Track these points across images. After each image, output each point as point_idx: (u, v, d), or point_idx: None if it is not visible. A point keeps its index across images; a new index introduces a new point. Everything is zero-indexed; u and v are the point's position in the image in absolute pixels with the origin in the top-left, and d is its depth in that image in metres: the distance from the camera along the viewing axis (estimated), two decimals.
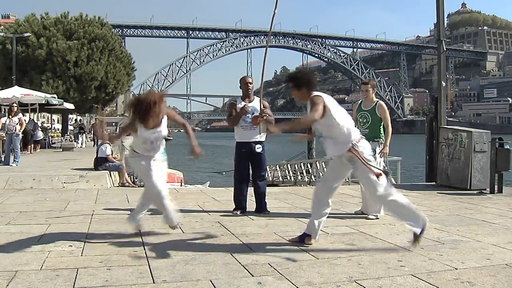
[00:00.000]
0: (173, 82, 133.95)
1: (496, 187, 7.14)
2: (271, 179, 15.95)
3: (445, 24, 11.39)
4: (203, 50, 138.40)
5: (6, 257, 3.31)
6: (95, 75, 25.65)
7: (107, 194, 7.05)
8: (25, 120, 12.77)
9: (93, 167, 9.54)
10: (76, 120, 37.04)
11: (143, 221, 4.28)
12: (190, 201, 6.20)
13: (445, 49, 9.11)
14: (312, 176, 13.86)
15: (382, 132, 5.33)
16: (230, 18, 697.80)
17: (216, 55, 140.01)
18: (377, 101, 5.40)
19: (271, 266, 3.13)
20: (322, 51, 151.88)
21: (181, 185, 11.89)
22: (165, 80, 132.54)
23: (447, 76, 68.63)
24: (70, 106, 21.31)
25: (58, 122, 44.09)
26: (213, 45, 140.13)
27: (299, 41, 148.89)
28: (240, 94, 5.37)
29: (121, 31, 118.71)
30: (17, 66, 23.31)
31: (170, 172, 4.64)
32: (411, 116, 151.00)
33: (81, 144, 22.95)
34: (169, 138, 4.12)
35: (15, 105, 12.46)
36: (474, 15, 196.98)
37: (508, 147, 7.13)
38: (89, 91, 26.04)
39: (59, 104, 18.92)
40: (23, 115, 13.23)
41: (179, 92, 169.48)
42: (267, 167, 15.76)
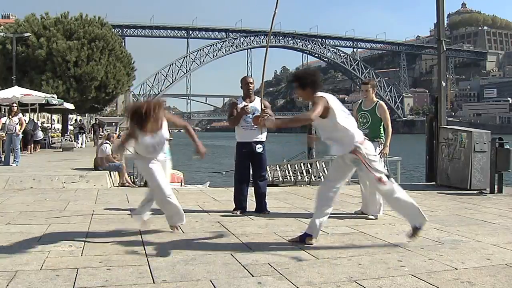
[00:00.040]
0: (173, 82, 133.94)
1: (496, 187, 7.14)
2: (271, 179, 15.94)
3: (445, 24, 11.39)
4: (203, 50, 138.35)
5: (6, 257, 3.31)
6: (95, 75, 25.66)
7: (107, 194, 7.05)
8: (25, 120, 12.77)
9: (93, 167, 9.55)
10: (76, 120, 37.06)
11: (148, 219, 4.29)
12: (190, 201, 6.20)
13: (445, 49, 9.11)
14: (312, 176, 13.86)
15: (382, 132, 5.33)
16: (230, 18, 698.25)
17: (216, 55, 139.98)
18: (377, 101, 5.40)
19: (271, 266, 3.13)
20: (322, 51, 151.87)
21: (181, 185, 11.89)
22: (165, 80, 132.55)
23: (447, 76, 68.57)
24: (70, 106, 21.32)
25: (58, 122, 44.12)
26: (213, 45, 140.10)
27: (299, 41, 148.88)
28: (240, 94, 5.37)
29: (121, 31, 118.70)
30: (17, 66, 23.31)
31: (170, 172, 4.64)
32: (411, 116, 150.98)
33: (81, 144, 22.96)
34: (169, 138, 4.14)
35: (15, 105, 12.46)
36: (474, 15, 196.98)
37: (508, 147, 7.14)
38: (89, 91, 26.05)
39: (59, 104, 18.93)
40: (23, 115, 13.23)
41: (179, 92, 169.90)
42: (267, 167, 15.76)
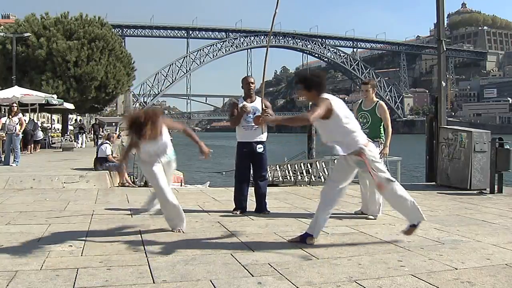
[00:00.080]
0: (173, 82, 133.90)
1: (496, 187, 7.14)
2: (271, 179, 15.94)
3: (445, 24, 11.39)
4: (203, 50, 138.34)
5: (6, 257, 3.31)
6: (95, 75, 25.65)
7: (107, 194, 7.04)
8: (25, 120, 12.77)
9: (93, 167, 9.55)
10: (76, 120, 37.07)
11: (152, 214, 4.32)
12: (190, 201, 6.20)
13: (445, 49, 9.11)
14: (312, 176, 13.86)
15: (382, 132, 5.33)
16: (230, 18, 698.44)
17: (216, 55, 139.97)
18: (377, 101, 5.39)
19: (271, 266, 3.13)
20: (322, 51, 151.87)
21: (181, 185, 11.90)
22: (165, 80, 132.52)
23: (447, 76, 68.61)
24: (70, 106, 21.31)
25: (58, 122, 44.13)
26: (213, 45, 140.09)
27: (299, 41, 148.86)
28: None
29: (121, 31, 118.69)
30: (17, 66, 23.31)
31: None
32: (411, 116, 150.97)
33: (81, 144, 22.95)
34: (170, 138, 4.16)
35: (15, 105, 12.46)
36: (474, 15, 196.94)
37: (508, 147, 7.14)
38: (89, 91, 26.04)
39: (59, 104, 18.92)
40: (23, 115, 13.23)
41: (179, 92, 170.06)
42: (267, 167, 15.76)
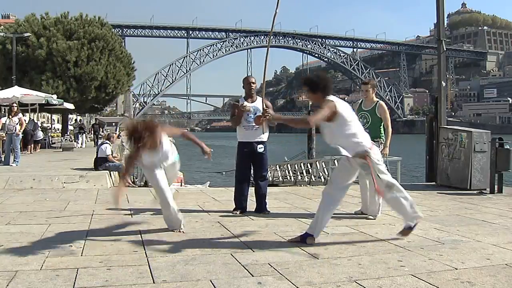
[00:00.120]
0: (173, 82, 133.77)
1: (496, 187, 7.14)
2: (271, 179, 15.95)
3: (445, 24, 11.38)
4: (203, 50, 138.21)
5: (6, 257, 3.31)
6: (95, 75, 25.66)
7: (107, 194, 7.04)
8: (25, 120, 12.76)
9: (93, 167, 9.54)
10: (76, 120, 37.07)
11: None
12: (190, 201, 6.21)
13: (445, 49, 9.11)
14: (312, 176, 13.86)
15: (382, 132, 5.33)
16: (230, 18, 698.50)
17: (216, 55, 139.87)
18: (377, 101, 5.40)
19: (271, 266, 3.13)
20: (322, 51, 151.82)
21: (181, 185, 11.88)
22: (165, 80, 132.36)
23: (447, 76, 68.64)
24: (70, 106, 21.31)
25: (58, 122, 44.15)
26: (213, 45, 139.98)
27: (299, 41, 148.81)
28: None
29: (121, 31, 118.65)
30: (17, 66, 23.31)
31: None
32: (411, 116, 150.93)
33: (81, 144, 22.95)
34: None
35: (15, 105, 12.45)
36: (474, 15, 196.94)
37: (508, 147, 7.14)
38: (89, 91, 26.04)
39: (59, 104, 18.93)
40: (23, 115, 13.22)
41: (179, 92, 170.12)
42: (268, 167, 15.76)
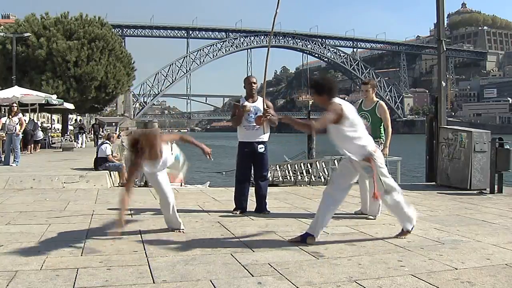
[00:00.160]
0: (173, 82, 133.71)
1: (496, 187, 7.14)
2: (271, 179, 15.95)
3: (445, 24, 11.38)
4: (203, 50, 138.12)
5: (6, 257, 3.31)
6: (95, 75, 25.66)
7: (107, 194, 7.05)
8: (25, 120, 12.76)
9: (93, 167, 9.54)
10: (76, 120, 37.09)
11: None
12: (190, 201, 6.20)
13: (445, 49, 9.11)
14: (312, 176, 13.86)
15: (382, 132, 5.33)
16: (230, 18, 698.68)
17: (216, 55, 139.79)
18: (377, 101, 5.39)
19: (271, 266, 3.13)
20: (322, 51, 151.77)
21: (181, 185, 11.87)
22: (165, 80, 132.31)
23: (447, 76, 68.65)
24: (70, 106, 21.31)
25: (58, 122, 44.16)
26: (213, 45, 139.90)
27: (299, 41, 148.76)
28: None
29: (121, 31, 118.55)
30: (17, 66, 23.31)
31: (170, 172, 4.68)
32: (411, 116, 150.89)
33: (81, 144, 22.96)
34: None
35: (15, 105, 12.45)
36: (474, 15, 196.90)
37: (508, 147, 7.14)
38: (89, 91, 26.05)
39: (59, 104, 18.93)
40: (23, 115, 13.22)
41: (179, 92, 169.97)
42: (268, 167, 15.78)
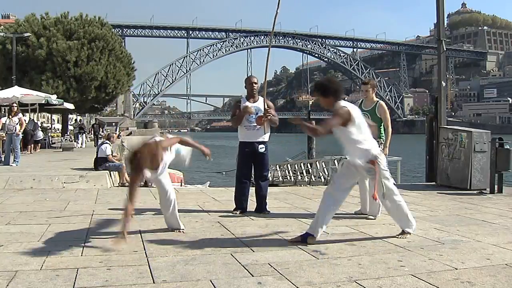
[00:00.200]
0: (173, 82, 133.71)
1: (496, 187, 7.14)
2: (271, 179, 15.95)
3: (445, 24, 11.38)
4: (203, 50, 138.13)
5: (6, 257, 3.31)
6: (95, 75, 25.65)
7: (107, 194, 7.05)
8: (25, 120, 12.76)
9: (93, 167, 9.54)
10: (76, 120, 37.09)
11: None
12: (190, 201, 6.20)
13: (445, 49, 9.11)
14: (312, 176, 13.87)
15: (382, 132, 5.32)
16: (230, 18, 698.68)
17: (216, 55, 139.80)
18: (377, 101, 5.39)
19: (271, 266, 3.13)
20: (322, 51, 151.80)
21: (181, 185, 11.89)
22: (165, 80, 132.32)
23: (447, 76, 68.65)
24: (70, 106, 21.30)
25: (58, 122, 44.18)
26: (213, 45, 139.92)
27: (299, 41, 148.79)
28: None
29: (121, 31, 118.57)
30: (17, 66, 23.30)
31: (170, 172, 4.68)
32: (411, 116, 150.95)
33: (81, 144, 22.95)
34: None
35: (15, 105, 12.45)
36: (474, 15, 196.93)
37: (508, 147, 7.13)
38: (89, 91, 26.04)
39: (59, 104, 18.93)
40: (23, 115, 13.22)
41: (179, 92, 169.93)
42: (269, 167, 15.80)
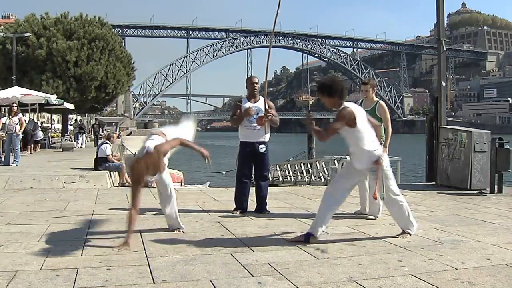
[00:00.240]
0: (173, 82, 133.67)
1: (496, 187, 7.14)
2: (271, 179, 15.95)
3: (445, 24, 11.38)
4: (203, 50, 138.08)
5: (6, 257, 3.31)
6: (95, 75, 25.66)
7: (107, 194, 7.05)
8: (25, 120, 12.76)
9: (93, 167, 9.54)
10: (76, 120, 37.11)
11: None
12: (190, 201, 6.20)
13: (445, 49, 9.11)
14: (312, 176, 13.87)
15: (382, 132, 5.32)
16: (230, 18, 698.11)
17: (216, 55, 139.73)
18: (377, 101, 5.39)
19: (271, 266, 3.13)
20: (322, 51, 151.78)
21: (181, 185, 11.89)
22: (165, 80, 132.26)
23: (447, 76, 68.59)
24: (70, 106, 21.30)
25: (58, 122, 44.18)
26: (213, 45, 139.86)
27: (299, 41, 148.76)
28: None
29: (121, 31, 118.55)
30: (17, 66, 23.31)
31: (170, 172, 4.68)
32: (411, 116, 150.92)
33: (81, 144, 22.96)
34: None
35: (15, 105, 12.45)
36: (474, 15, 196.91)
37: (508, 147, 7.14)
38: (89, 91, 26.05)
39: (59, 104, 18.93)
40: (23, 115, 13.22)
41: (179, 92, 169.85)
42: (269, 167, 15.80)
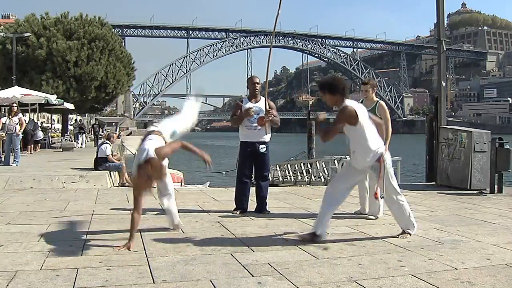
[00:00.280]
0: (173, 82, 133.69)
1: (496, 187, 7.14)
2: (271, 179, 15.95)
3: (445, 24, 11.38)
4: (203, 50, 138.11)
5: (6, 257, 3.31)
6: (95, 75, 25.67)
7: (107, 194, 7.05)
8: (25, 120, 12.77)
9: (93, 167, 9.54)
10: (76, 120, 37.11)
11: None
12: (190, 201, 6.20)
13: (445, 49, 9.11)
14: (312, 176, 13.87)
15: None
16: (230, 18, 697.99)
17: (216, 55, 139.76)
18: (377, 101, 5.39)
19: (271, 266, 3.13)
20: (322, 51, 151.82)
21: (181, 185, 11.89)
22: (165, 80, 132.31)
23: (447, 76, 68.63)
24: (70, 106, 21.31)
25: (58, 122, 44.19)
26: (213, 45, 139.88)
27: (299, 41, 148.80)
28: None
29: (121, 31, 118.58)
30: (17, 66, 23.31)
31: (170, 172, 4.68)
32: (411, 116, 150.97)
33: (81, 144, 22.96)
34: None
35: (15, 105, 12.46)
36: (474, 15, 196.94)
37: (508, 147, 7.14)
38: (89, 91, 26.06)
39: (59, 104, 18.93)
40: (23, 115, 13.23)
41: (179, 92, 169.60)
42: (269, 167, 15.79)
